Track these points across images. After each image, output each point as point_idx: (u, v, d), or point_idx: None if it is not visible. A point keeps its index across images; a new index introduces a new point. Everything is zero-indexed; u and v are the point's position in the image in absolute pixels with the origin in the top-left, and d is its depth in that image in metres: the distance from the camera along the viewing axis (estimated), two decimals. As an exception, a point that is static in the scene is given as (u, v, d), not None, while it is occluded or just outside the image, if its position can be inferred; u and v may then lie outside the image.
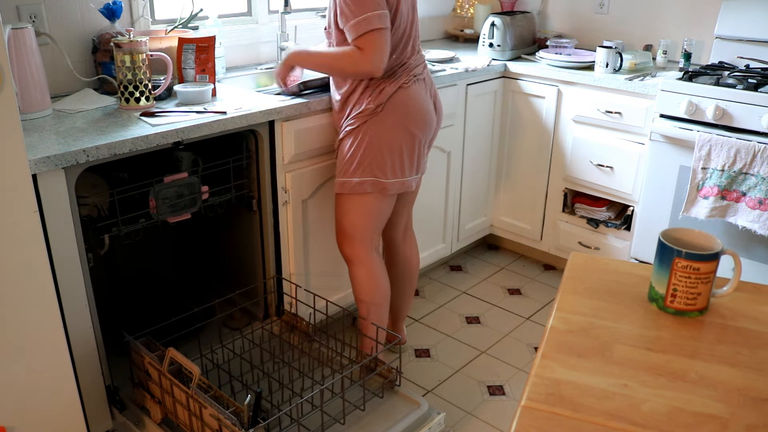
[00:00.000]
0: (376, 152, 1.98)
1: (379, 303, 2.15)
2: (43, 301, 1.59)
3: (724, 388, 0.88)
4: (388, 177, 2.01)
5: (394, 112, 1.97)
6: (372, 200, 2.03)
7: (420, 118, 2.02)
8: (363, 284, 2.12)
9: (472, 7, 3.53)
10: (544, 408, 0.84)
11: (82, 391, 1.76)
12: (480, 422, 2.16)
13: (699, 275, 1.01)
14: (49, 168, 1.56)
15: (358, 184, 2.01)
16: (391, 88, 1.95)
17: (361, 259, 2.10)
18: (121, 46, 1.92)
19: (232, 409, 1.58)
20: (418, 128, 2.02)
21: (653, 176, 2.56)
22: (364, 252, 2.10)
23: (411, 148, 2.03)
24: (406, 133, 2.00)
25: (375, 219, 2.08)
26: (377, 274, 2.13)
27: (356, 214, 2.06)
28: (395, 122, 1.97)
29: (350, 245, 2.10)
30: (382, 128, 1.97)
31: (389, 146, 1.98)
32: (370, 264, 2.12)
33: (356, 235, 2.08)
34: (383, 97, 1.95)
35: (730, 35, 2.73)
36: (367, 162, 1.98)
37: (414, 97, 1.99)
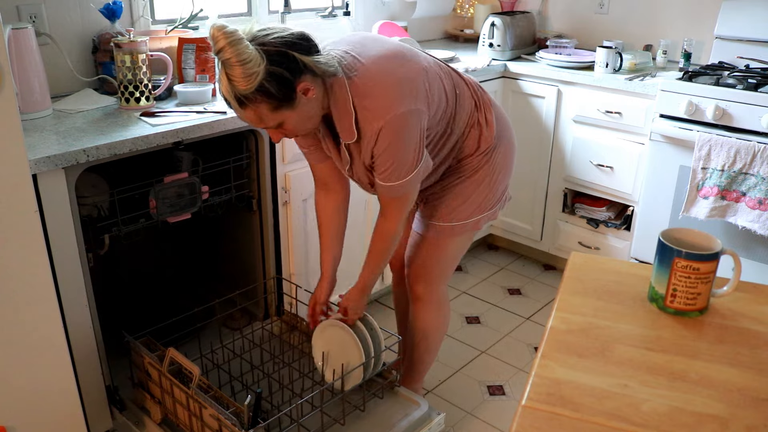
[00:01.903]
0: (498, 184, 1.78)
1: (439, 346, 2.02)
2: (43, 301, 1.59)
3: (724, 388, 0.88)
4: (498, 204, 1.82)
5: (506, 132, 1.79)
6: (466, 238, 1.84)
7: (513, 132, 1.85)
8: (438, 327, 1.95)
9: (472, 7, 3.53)
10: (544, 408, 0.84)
11: (82, 391, 1.76)
12: (480, 422, 2.16)
13: (699, 275, 1.01)
14: (49, 168, 1.56)
15: (473, 223, 1.78)
16: (491, 114, 1.73)
17: (438, 301, 1.92)
18: (122, 46, 1.92)
19: (232, 410, 1.58)
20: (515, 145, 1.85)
21: (653, 176, 2.56)
22: (443, 293, 1.93)
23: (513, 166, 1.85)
24: (515, 150, 1.83)
25: (461, 255, 1.91)
26: (448, 317, 1.99)
27: (455, 254, 1.85)
28: (510, 143, 1.80)
29: (433, 285, 1.88)
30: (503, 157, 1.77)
31: (509, 170, 1.80)
32: (445, 306, 1.96)
33: (445, 277, 1.89)
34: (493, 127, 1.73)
35: (730, 35, 2.73)
36: (486, 198, 1.77)
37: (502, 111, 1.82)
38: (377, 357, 1.83)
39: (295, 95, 1.38)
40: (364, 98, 1.46)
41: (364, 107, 1.46)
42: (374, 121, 1.46)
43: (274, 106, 1.37)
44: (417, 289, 1.90)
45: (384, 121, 1.45)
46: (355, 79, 1.46)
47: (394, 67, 1.50)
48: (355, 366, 1.77)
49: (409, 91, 1.48)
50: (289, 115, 1.41)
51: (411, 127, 1.49)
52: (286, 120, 1.42)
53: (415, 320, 1.95)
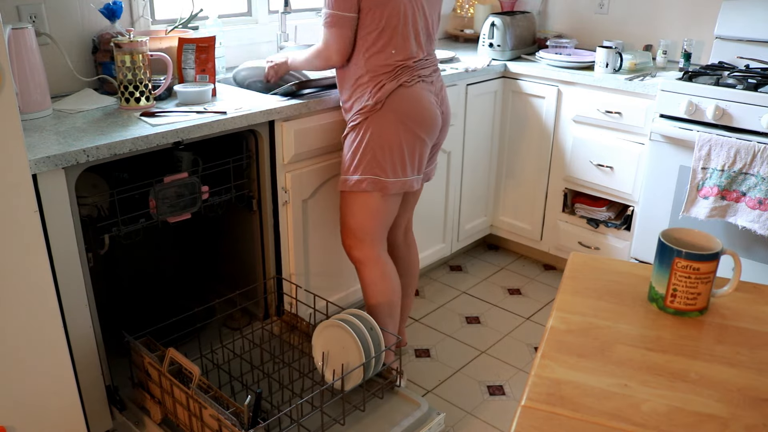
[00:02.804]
0: (376, 150, 1.97)
1: (395, 302, 2.13)
2: (43, 301, 1.59)
3: (724, 388, 0.88)
4: (388, 176, 1.99)
5: (395, 109, 1.95)
6: (375, 199, 2.01)
7: (422, 117, 2.00)
8: (377, 285, 2.09)
9: (472, 7, 3.53)
10: (544, 408, 0.84)
11: (82, 391, 1.76)
12: (480, 422, 2.16)
13: (699, 275, 1.01)
14: (50, 168, 1.56)
15: (358, 182, 1.99)
16: (391, 85, 1.95)
17: (372, 259, 2.08)
18: (121, 46, 1.92)
19: (232, 410, 1.58)
20: (419, 128, 2.00)
21: (653, 176, 2.56)
22: (373, 252, 2.07)
23: (412, 146, 2.01)
24: (407, 132, 1.98)
25: (380, 218, 2.06)
26: (390, 274, 2.11)
27: (361, 213, 2.04)
28: (395, 119, 1.96)
29: (359, 247, 2.07)
30: (383, 125, 1.96)
31: (389, 144, 1.97)
32: (382, 264, 2.09)
33: (365, 236, 2.05)
34: (383, 94, 1.94)
35: (730, 35, 2.73)
36: (368, 160, 1.97)
37: (416, 97, 1.98)
38: (377, 357, 1.83)
39: None
40: None
41: None
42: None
43: None
44: (350, 253, 2.11)
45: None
46: None
47: None
48: (355, 366, 1.77)
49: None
50: None
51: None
52: None
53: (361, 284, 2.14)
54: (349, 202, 2.05)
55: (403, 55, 1.97)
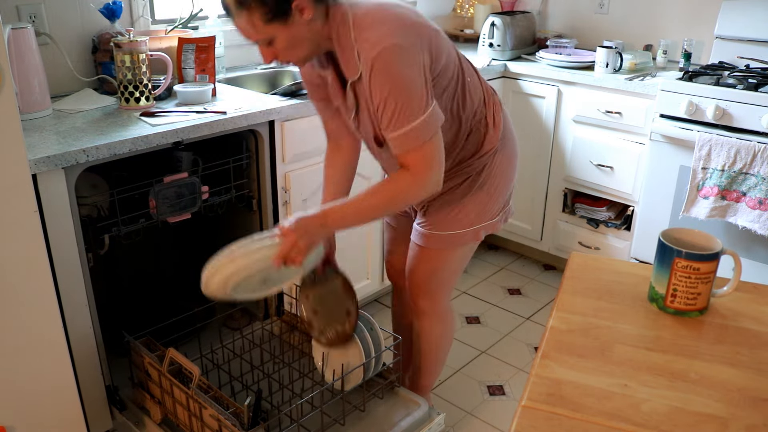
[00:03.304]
0: (501, 192, 1.69)
1: (446, 355, 1.97)
2: (43, 301, 1.59)
3: (724, 388, 0.88)
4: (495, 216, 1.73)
5: (510, 137, 1.70)
6: (467, 250, 1.77)
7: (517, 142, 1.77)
8: (440, 341, 1.89)
9: (472, 7, 3.53)
10: (544, 408, 0.84)
11: (82, 391, 1.76)
12: (480, 422, 2.15)
13: (699, 275, 1.01)
14: (49, 168, 1.56)
15: (472, 233, 1.70)
16: (498, 115, 1.66)
17: (440, 314, 1.86)
18: (121, 46, 1.92)
19: (232, 410, 1.58)
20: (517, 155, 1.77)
21: (653, 176, 2.56)
22: (445, 304, 1.86)
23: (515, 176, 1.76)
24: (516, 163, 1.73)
25: (463, 267, 1.84)
26: (451, 329, 1.93)
27: (461, 265, 1.79)
28: (513, 149, 1.71)
29: (435, 299, 1.82)
30: (506, 161, 1.68)
31: (511, 177, 1.70)
32: (448, 317, 1.89)
33: (447, 288, 1.84)
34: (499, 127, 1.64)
35: (730, 35, 2.73)
36: (489, 206, 1.69)
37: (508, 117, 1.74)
38: (377, 357, 1.83)
39: (290, 11, 1.33)
40: (366, 30, 1.36)
41: (365, 39, 1.36)
42: (371, 51, 1.35)
43: (268, 17, 1.33)
44: (420, 303, 1.83)
45: (377, 51, 1.33)
46: (359, 11, 1.39)
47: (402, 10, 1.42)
48: (356, 366, 1.77)
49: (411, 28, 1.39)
50: (281, 31, 1.36)
51: (408, 59, 1.35)
52: (277, 36, 1.36)
53: (421, 334, 1.89)
54: (445, 255, 1.75)
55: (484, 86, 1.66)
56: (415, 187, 1.44)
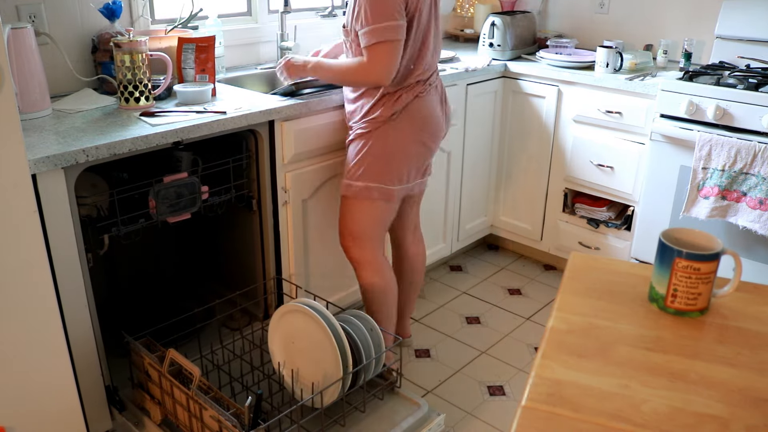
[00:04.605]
0: (386, 160, 1.96)
1: (390, 303, 2.15)
2: (43, 301, 1.59)
3: (724, 389, 0.87)
4: (394, 184, 2.00)
5: (409, 121, 1.95)
6: (378, 205, 2.02)
7: (433, 127, 2.02)
8: (373, 286, 2.11)
9: (473, 7, 3.53)
10: (544, 408, 0.84)
11: (81, 392, 1.76)
12: (480, 422, 2.15)
13: (699, 275, 1.00)
14: (49, 168, 1.55)
15: (364, 189, 1.99)
16: (407, 96, 1.94)
17: (369, 261, 2.09)
18: (121, 45, 1.92)
19: (232, 411, 1.58)
20: (430, 138, 2.03)
21: (654, 176, 2.56)
22: (371, 254, 2.09)
23: (421, 157, 2.03)
24: (418, 143, 2.00)
25: (382, 222, 2.07)
26: (386, 275, 2.13)
27: (363, 217, 2.04)
28: (408, 132, 1.96)
29: (358, 248, 2.09)
30: (395, 137, 1.95)
31: (400, 155, 1.97)
32: (378, 266, 2.11)
33: (365, 239, 2.07)
34: (399, 106, 1.93)
35: (731, 35, 2.73)
36: (377, 168, 1.97)
37: (428, 107, 1.99)
38: (377, 358, 1.83)
39: None
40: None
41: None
42: None
43: None
44: (349, 254, 2.11)
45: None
46: None
47: None
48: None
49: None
50: None
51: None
52: None
53: (359, 284, 2.16)
54: (351, 207, 2.05)
55: (420, 69, 1.96)
56: (363, 71, 1.86)
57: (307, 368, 1.80)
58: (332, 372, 1.72)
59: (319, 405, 1.72)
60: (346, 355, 1.71)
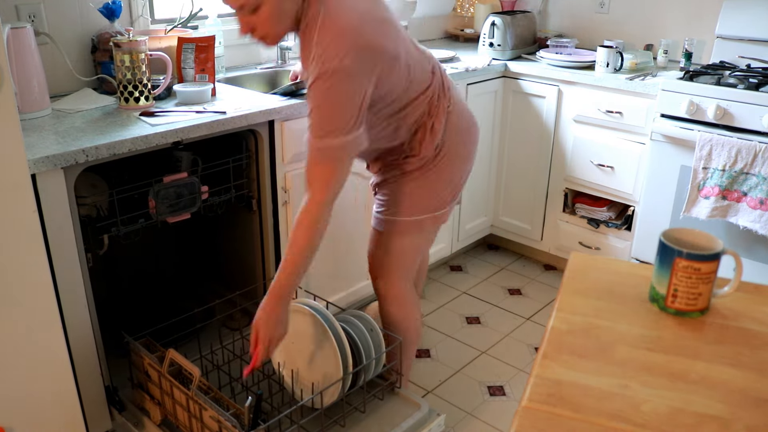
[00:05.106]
0: (439, 191, 1.79)
1: (411, 341, 2.00)
2: (43, 301, 1.59)
3: (725, 389, 0.87)
4: (445, 208, 1.83)
5: (454, 143, 1.75)
6: (427, 236, 1.87)
7: (474, 132, 1.84)
8: (397, 323, 1.95)
9: (473, 7, 3.53)
10: (544, 408, 0.84)
11: (81, 392, 1.76)
12: (480, 423, 2.15)
13: (700, 275, 1.00)
14: (49, 168, 1.55)
15: (416, 223, 1.80)
16: (439, 123, 1.70)
17: (398, 298, 1.93)
18: (121, 45, 1.92)
19: (232, 411, 1.58)
20: (475, 145, 1.86)
21: (654, 176, 2.56)
22: (402, 289, 1.92)
23: (469, 169, 1.86)
24: (468, 158, 1.82)
25: (420, 255, 1.92)
26: (412, 313, 1.97)
27: (404, 252, 1.86)
28: (457, 153, 1.77)
29: (389, 282, 1.90)
30: (444, 166, 1.76)
31: (451, 179, 1.79)
32: (406, 302, 1.94)
33: (397, 272, 1.89)
34: (438, 134, 1.71)
35: (731, 35, 2.73)
36: (434, 201, 1.79)
37: (462, 114, 1.79)
38: (377, 358, 1.83)
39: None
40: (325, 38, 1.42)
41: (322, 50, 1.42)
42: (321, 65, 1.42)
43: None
44: (376, 284, 1.94)
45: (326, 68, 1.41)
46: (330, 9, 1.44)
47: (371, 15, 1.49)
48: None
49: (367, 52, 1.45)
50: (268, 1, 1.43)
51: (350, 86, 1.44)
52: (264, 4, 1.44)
53: (381, 317, 1.99)
54: (392, 240, 1.84)
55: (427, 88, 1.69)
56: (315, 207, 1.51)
57: (307, 368, 1.80)
58: (332, 372, 1.72)
59: (319, 405, 1.71)
60: (346, 356, 1.71)
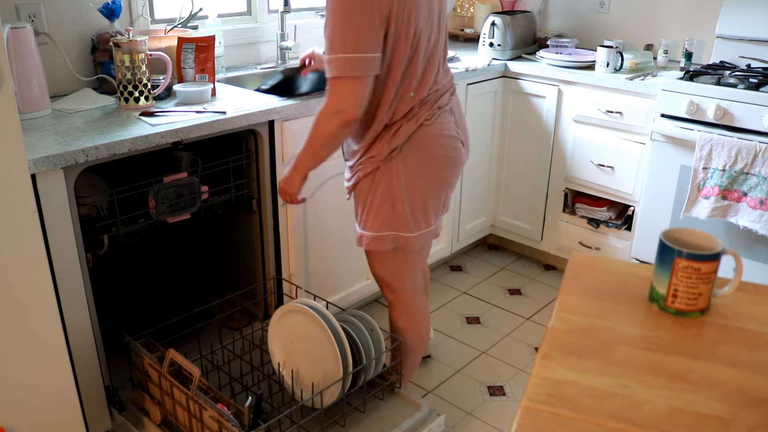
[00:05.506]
0: (394, 203, 1.69)
1: (416, 349, 1.99)
2: (43, 301, 1.59)
3: (725, 389, 0.87)
4: (411, 230, 1.72)
5: (415, 154, 1.66)
6: (398, 254, 1.78)
7: (448, 158, 1.72)
8: (406, 335, 1.94)
9: (473, 7, 3.53)
10: (544, 408, 0.84)
11: (81, 392, 1.76)
12: (480, 423, 2.15)
13: (700, 275, 1.00)
14: (49, 168, 1.55)
15: (376, 239, 1.74)
16: (409, 126, 1.64)
17: (403, 303, 1.91)
18: (121, 45, 1.92)
19: (232, 411, 1.58)
20: (446, 170, 1.73)
21: (654, 176, 2.56)
22: (406, 296, 1.90)
23: (437, 193, 1.74)
24: (431, 179, 1.71)
25: (409, 269, 1.85)
26: (418, 320, 1.96)
27: (388, 267, 1.83)
28: (416, 167, 1.67)
29: (390, 291, 1.90)
30: (401, 174, 1.67)
31: (410, 196, 1.69)
32: (413, 309, 1.93)
33: (395, 284, 1.87)
34: (399, 140, 1.64)
35: (731, 35, 2.72)
36: (385, 214, 1.70)
37: (440, 134, 1.69)
38: (377, 358, 1.83)
39: None
40: None
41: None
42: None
43: None
44: (385, 294, 1.94)
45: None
46: None
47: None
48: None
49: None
50: None
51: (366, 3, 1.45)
52: None
53: (390, 324, 1.99)
54: (374, 257, 1.83)
55: (421, 94, 1.66)
56: (324, 117, 1.57)
57: (307, 369, 1.80)
58: (332, 372, 1.72)
59: (319, 405, 1.71)
60: (346, 356, 1.71)
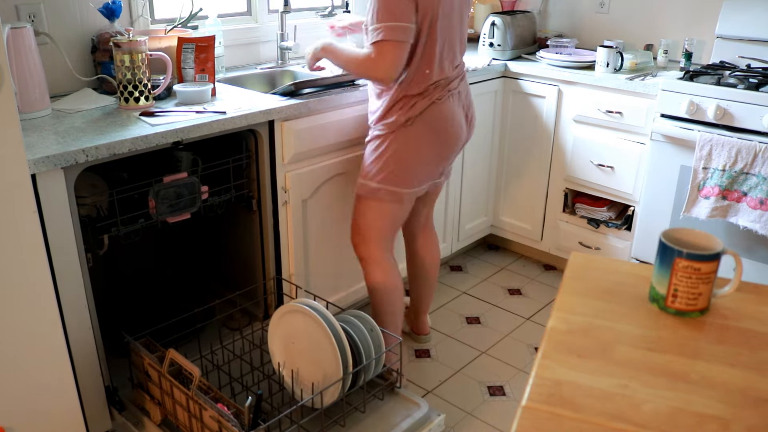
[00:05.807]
0: (399, 164, 1.99)
1: (395, 302, 2.16)
2: (43, 301, 1.59)
3: (725, 389, 0.87)
4: (405, 187, 2.03)
5: (425, 128, 1.97)
6: (388, 206, 2.05)
7: (448, 135, 2.03)
8: (378, 285, 2.13)
9: (473, 7, 3.52)
10: (544, 408, 0.84)
11: (81, 392, 1.75)
12: (480, 423, 2.15)
13: (700, 275, 1.00)
14: (49, 168, 1.55)
15: (375, 190, 2.02)
16: (423, 103, 1.95)
17: (376, 260, 2.11)
18: (121, 45, 1.92)
19: (232, 411, 1.58)
20: (445, 146, 2.04)
21: (654, 176, 2.56)
22: (379, 253, 2.11)
23: (436, 163, 2.06)
24: (433, 149, 2.01)
25: (391, 222, 2.10)
26: (391, 275, 2.13)
27: (373, 217, 2.07)
28: (424, 138, 1.98)
29: (366, 246, 2.11)
30: (409, 142, 1.97)
31: (415, 160, 1.99)
32: (385, 264, 2.12)
33: (372, 236, 2.09)
34: (414, 111, 1.95)
35: (731, 35, 2.73)
36: (389, 171, 1.99)
37: (447, 115, 1.99)
38: (377, 358, 1.83)
39: None
40: None
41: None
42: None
43: None
44: (357, 250, 2.14)
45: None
46: None
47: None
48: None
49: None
50: None
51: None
52: None
53: (365, 280, 2.17)
54: (362, 206, 2.08)
55: (437, 76, 1.96)
56: (368, 63, 1.87)
57: (307, 368, 1.80)
58: (332, 372, 1.72)
59: (319, 405, 1.71)
60: (346, 356, 1.71)
